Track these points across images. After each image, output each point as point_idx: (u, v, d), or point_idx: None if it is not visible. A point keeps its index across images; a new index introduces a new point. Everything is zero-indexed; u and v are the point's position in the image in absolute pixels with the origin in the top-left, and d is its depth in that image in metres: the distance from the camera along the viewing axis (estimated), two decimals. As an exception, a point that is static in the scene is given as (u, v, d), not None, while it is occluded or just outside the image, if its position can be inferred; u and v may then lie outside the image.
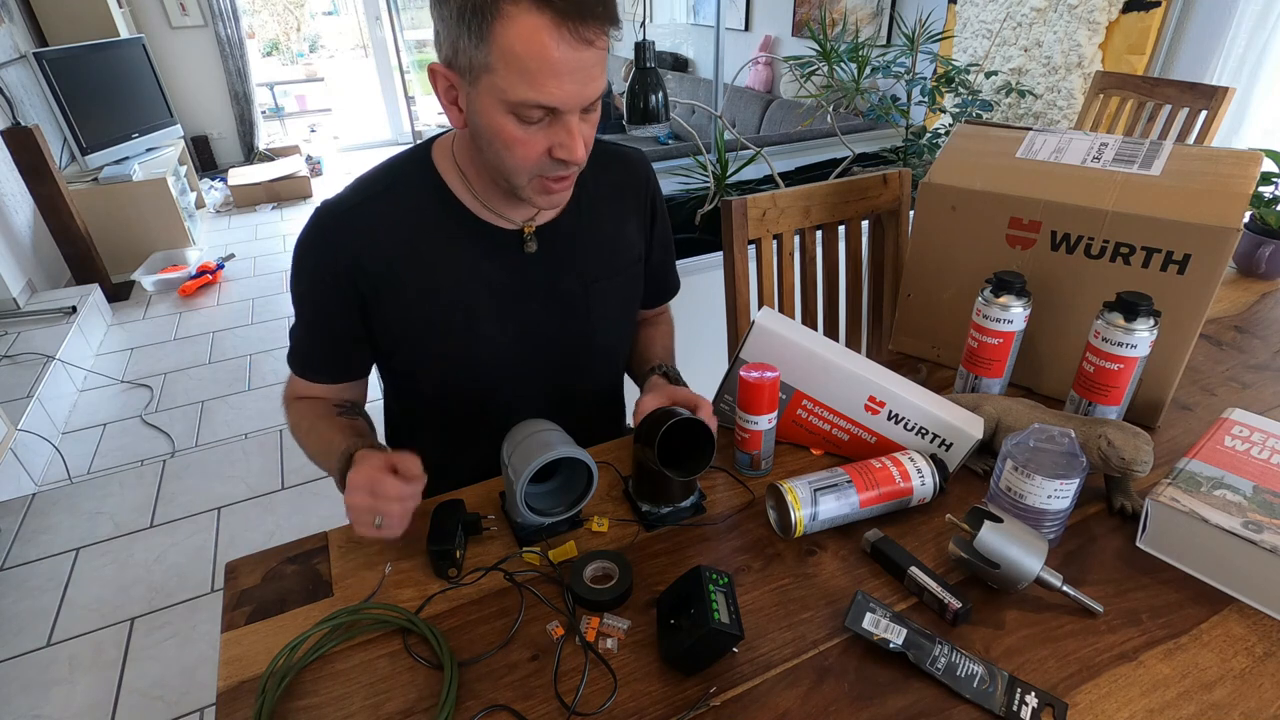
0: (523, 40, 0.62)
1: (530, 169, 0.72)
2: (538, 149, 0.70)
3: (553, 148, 0.70)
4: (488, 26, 0.63)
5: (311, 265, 0.81)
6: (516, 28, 0.62)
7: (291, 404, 0.90)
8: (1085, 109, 2.12)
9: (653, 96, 1.51)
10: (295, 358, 0.88)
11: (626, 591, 0.68)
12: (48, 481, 2.18)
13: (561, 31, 0.62)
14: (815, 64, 2.03)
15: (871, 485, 0.74)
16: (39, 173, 3.02)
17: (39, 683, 1.55)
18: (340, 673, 0.62)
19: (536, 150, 0.70)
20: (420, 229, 0.80)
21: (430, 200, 0.81)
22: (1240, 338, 1.08)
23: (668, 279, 1.07)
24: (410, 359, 0.88)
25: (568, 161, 0.71)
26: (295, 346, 0.87)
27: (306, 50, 8.12)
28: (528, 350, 0.88)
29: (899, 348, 1.10)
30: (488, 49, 0.64)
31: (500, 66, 0.64)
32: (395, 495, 0.68)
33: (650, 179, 0.95)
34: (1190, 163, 0.85)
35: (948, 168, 0.98)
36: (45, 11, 3.82)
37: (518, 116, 0.67)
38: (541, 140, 0.69)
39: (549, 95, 0.65)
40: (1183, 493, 0.70)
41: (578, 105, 0.68)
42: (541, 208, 0.81)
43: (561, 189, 0.76)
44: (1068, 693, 0.58)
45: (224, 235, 4.12)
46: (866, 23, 3.31)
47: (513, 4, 0.62)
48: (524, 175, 0.73)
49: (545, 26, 0.62)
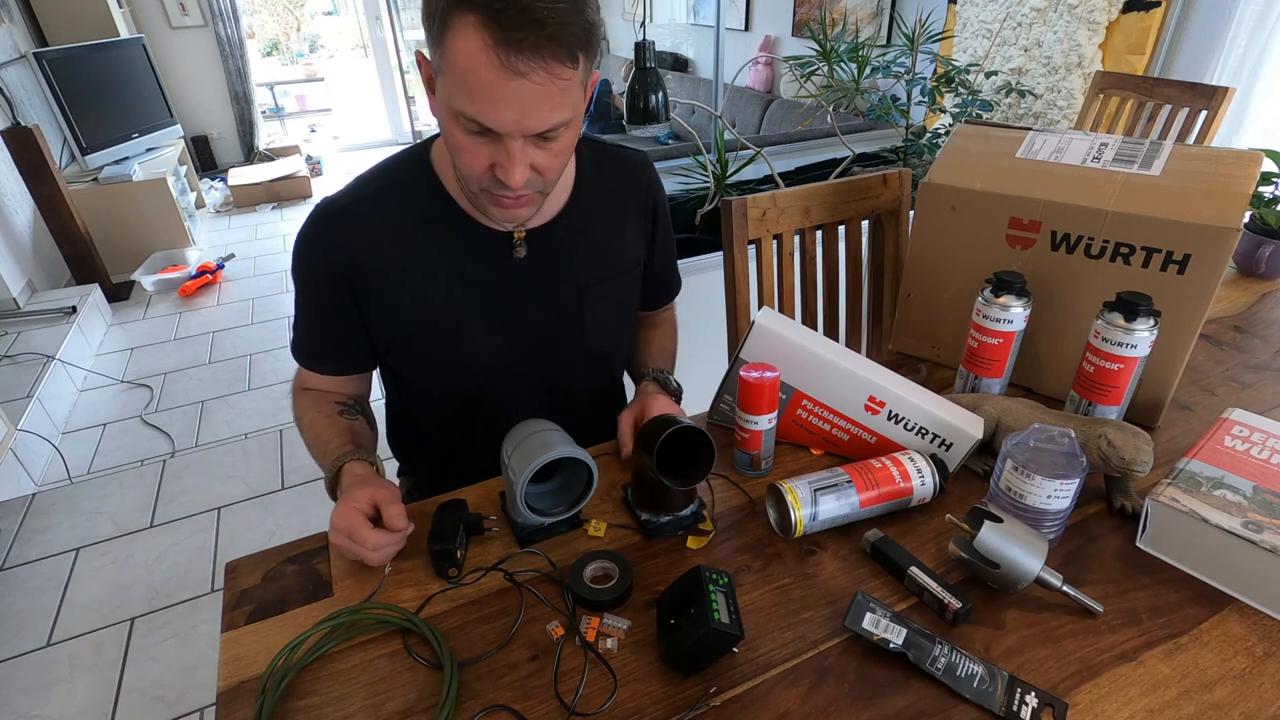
0: (463, 55, 0.62)
1: (476, 179, 0.71)
2: (482, 162, 0.69)
3: (494, 165, 0.69)
4: (442, 34, 0.63)
5: (310, 261, 0.82)
6: (459, 42, 0.62)
7: (298, 394, 0.91)
8: (1085, 109, 2.12)
9: (653, 96, 1.52)
10: (298, 348, 0.89)
11: (627, 591, 0.68)
12: (48, 481, 2.18)
13: (494, 57, 0.61)
14: (815, 64, 2.03)
15: (871, 485, 0.74)
16: (39, 173, 3.02)
17: (39, 683, 1.55)
18: (340, 673, 0.62)
19: (481, 163, 0.69)
20: (414, 228, 0.80)
21: (425, 200, 0.81)
22: (1240, 338, 1.08)
23: (669, 280, 1.06)
24: (404, 358, 0.88)
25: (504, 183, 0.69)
26: (297, 337, 0.88)
27: (306, 50, 8.13)
28: (520, 352, 0.88)
29: (899, 348, 1.10)
30: (440, 54, 0.64)
31: (449, 73, 0.64)
32: (372, 546, 0.68)
33: (653, 182, 0.94)
34: (1190, 163, 0.85)
35: (948, 168, 0.98)
36: (45, 11, 3.82)
37: (462, 126, 0.67)
38: (485, 155, 0.68)
39: (484, 115, 0.64)
40: (1183, 493, 0.70)
41: (517, 132, 0.66)
42: (497, 220, 0.80)
43: (512, 206, 0.73)
44: (1068, 693, 0.58)
45: (224, 235, 4.12)
46: (866, 23, 3.31)
47: (460, 19, 0.61)
48: (473, 184, 0.72)
49: (483, 48, 0.61)
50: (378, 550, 0.69)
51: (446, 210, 0.81)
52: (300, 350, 0.89)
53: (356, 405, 0.90)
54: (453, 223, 0.81)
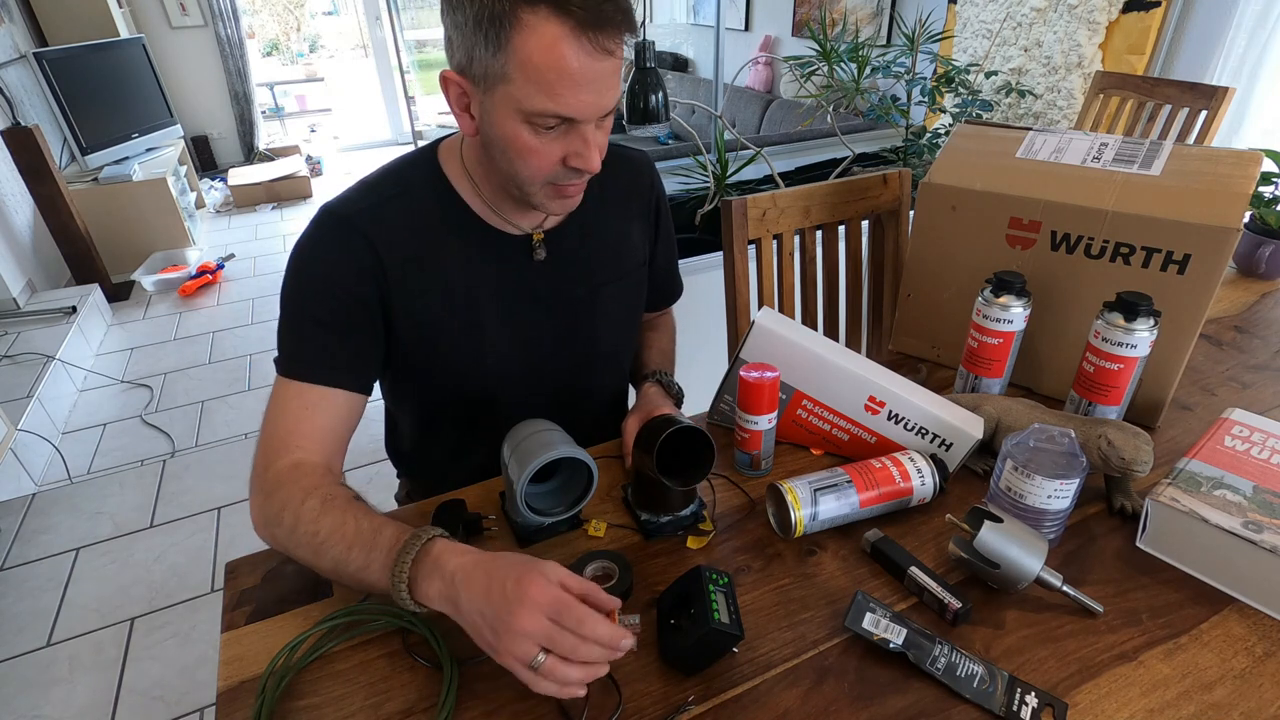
0: (541, 50, 0.61)
1: (544, 177, 0.72)
2: (553, 158, 0.69)
3: (568, 156, 0.69)
4: (505, 35, 0.61)
5: (326, 270, 0.75)
6: (536, 38, 0.61)
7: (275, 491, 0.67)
8: (1085, 109, 2.12)
9: (653, 96, 1.51)
10: (301, 361, 0.74)
11: (627, 591, 0.68)
12: (48, 481, 2.18)
13: (581, 41, 0.61)
14: (815, 64, 2.03)
15: (871, 485, 0.74)
16: (39, 173, 3.02)
17: (39, 683, 1.55)
18: (340, 673, 0.62)
19: (551, 159, 0.69)
20: (431, 235, 0.79)
21: (440, 205, 0.80)
22: (1240, 338, 1.08)
23: (671, 282, 1.06)
24: (416, 363, 0.86)
25: (582, 170, 0.70)
26: (296, 350, 0.75)
27: (306, 50, 8.12)
28: (532, 355, 0.88)
29: (899, 348, 1.10)
30: (505, 58, 0.63)
31: (518, 76, 0.63)
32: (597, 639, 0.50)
33: (655, 182, 0.94)
34: (1190, 163, 0.85)
35: (948, 168, 0.97)
36: (45, 11, 3.82)
37: (532, 126, 0.67)
38: (557, 149, 0.69)
39: (567, 106, 0.64)
40: (1183, 493, 0.70)
41: (595, 115, 0.67)
42: (553, 213, 0.81)
43: (575, 193, 0.75)
44: (1068, 693, 0.58)
45: (224, 235, 4.12)
46: (866, 23, 3.31)
47: (531, 13, 0.60)
48: (537, 184, 0.72)
49: (565, 36, 0.61)
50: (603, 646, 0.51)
51: (462, 216, 0.80)
52: (304, 363, 0.74)
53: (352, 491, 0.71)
54: (469, 228, 0.80)
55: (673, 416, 0.73)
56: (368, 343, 0.78)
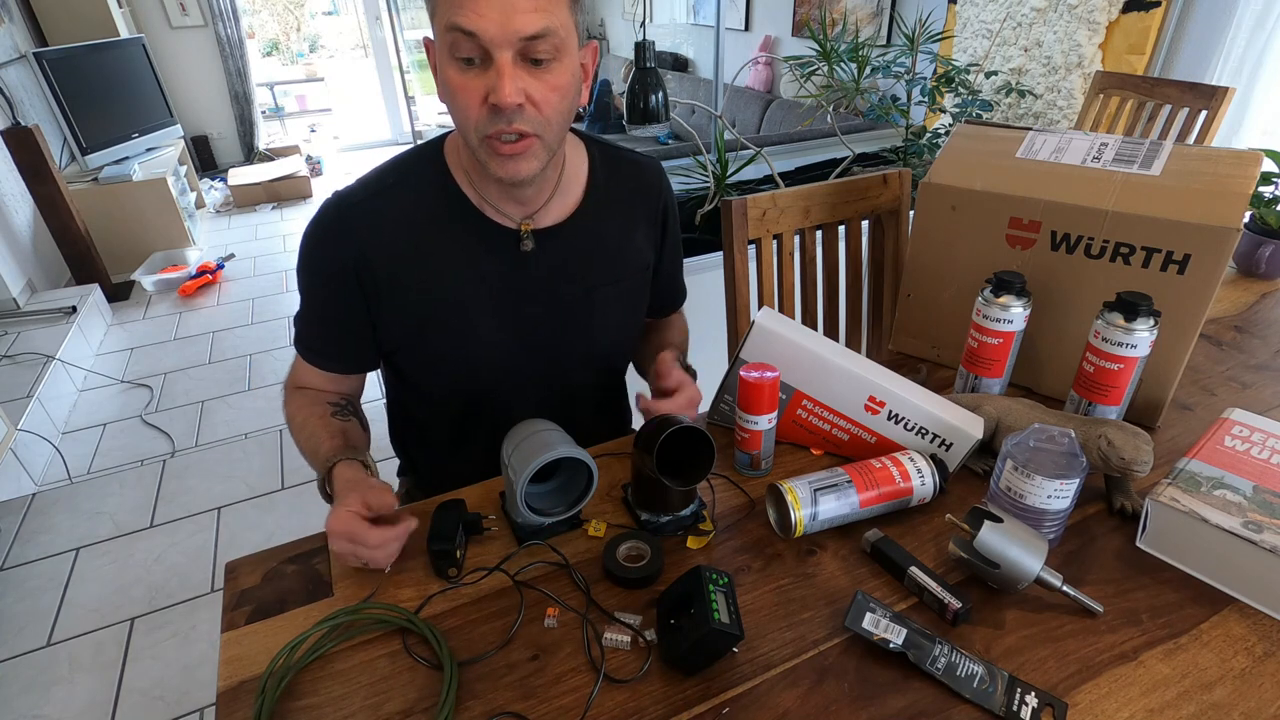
0: None
1: (475, 124, 0.70)
2: (476, 96, 0.69)
3: (489, 94, 0.68)
4: None
5: (320, 255, 0.81)
6: None
7: (291, 393, 0.90)
8: (1085, 109, 2.12)
9: (653, 96, 1.51)
10: (302, 343, 0.88)
11: (657, 572, 0.69)
12: (48, 481, 2.18)
13: None
14: (815, 64, 2.03)
15: (871, 485, 0.74)
16: (39, 173, 3.02)
17: (39, 683, 1.55)
18: (340, 673, 0.62)
19: (475, 98, 0.69)
20: (427, 224, 0.81)
21: (437, 195, 0.81)
22: (1240, 338, 1.08)
23: (674, 290, 1.06)
24: (410, 356, 0.88)
25: (499, 108, 0.68)
26: (301, 332, 0.87)
27: (306, 50, 8.13)
28: (526, 352, 0.88)
29: (899, 348, 1.10)
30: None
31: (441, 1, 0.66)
32: (375, 544, 0.68)
33: (664, 189, 0.94)
34: (1190, 163, 0.85)
35: (948, 168, 0.98)
36: (45, 11, 3.82)
37: (457, 63, 0.68)
38: (479, 86, 0.68)
39: (467, 18, 0.64)
40: (1183, 493, 0.70)
41: (502, 36, 0.65)
42: (501, 177, 0.75)
43: (510, 152, 0.71)
44: (1068, 693, 0.58)
45: (224, 235, 4.12)
46: (866, 23, 3.31)
47: None
48: (473, 134, 0.71)
49: None
50: (382, 548, 0.68)
51: (458, 205, 0.81)
52: (304, 345, 0.88)
53: (349, 406, 0.89)
54: (464, 218, 0.81)
55: (673, 416, 0.73)
56: (356, 329, 0.85)
